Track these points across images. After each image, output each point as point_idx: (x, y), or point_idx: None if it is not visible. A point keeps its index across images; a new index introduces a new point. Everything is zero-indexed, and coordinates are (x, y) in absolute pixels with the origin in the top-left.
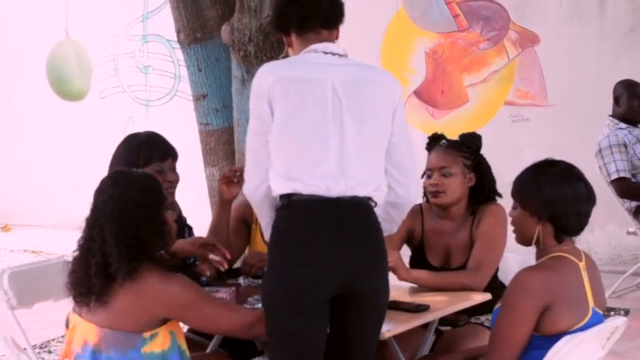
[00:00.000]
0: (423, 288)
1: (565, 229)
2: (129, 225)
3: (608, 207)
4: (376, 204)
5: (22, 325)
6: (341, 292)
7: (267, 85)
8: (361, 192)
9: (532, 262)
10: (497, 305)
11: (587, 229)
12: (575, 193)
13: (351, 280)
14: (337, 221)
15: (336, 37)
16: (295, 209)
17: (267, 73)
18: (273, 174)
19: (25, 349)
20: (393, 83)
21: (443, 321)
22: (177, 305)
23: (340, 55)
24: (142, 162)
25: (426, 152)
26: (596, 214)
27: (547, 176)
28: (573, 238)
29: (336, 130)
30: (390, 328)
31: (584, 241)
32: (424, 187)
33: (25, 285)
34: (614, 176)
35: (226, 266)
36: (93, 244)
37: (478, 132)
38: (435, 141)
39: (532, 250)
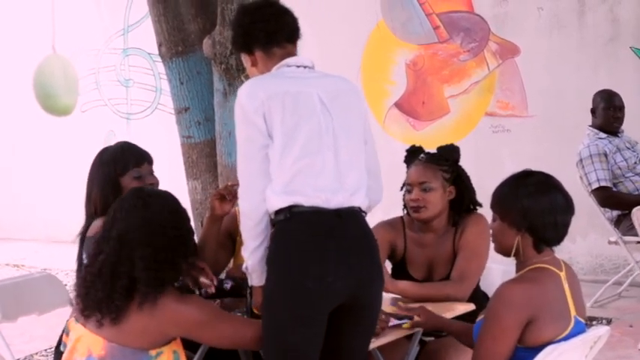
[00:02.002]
0: (407, 299)
1: (544, 239)
2: (162, 249)
3: (589, 217)
4: (366, 214)
5: (5, 339)
6: (346, 302)
7: (261, 100)
8: (355, 202)
9: (514, 273)
10: (480, 317)
11: (568, 238)
12: (552, 204)
13: (356, 290)
14: (341, 232)
15: (295, 51)
16: (297, 221)
17: (257, 90)
18: (270, 189)
19: None
20: (358, 91)
21: (427, 331)
22: (194, 324)
23: (310, 68)
24: (119, 171)
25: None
26: (578, 223)
27: (524, 187)
28: (553, 248)
29: (330, 142)
30: (374, 339)
31: (565, 250)
32: (404, 202)
33: (9, 299)
34: (595, 185)
35: (214, 290)
36: (120, 266)
37: (459, 143)
38: (413, 154)
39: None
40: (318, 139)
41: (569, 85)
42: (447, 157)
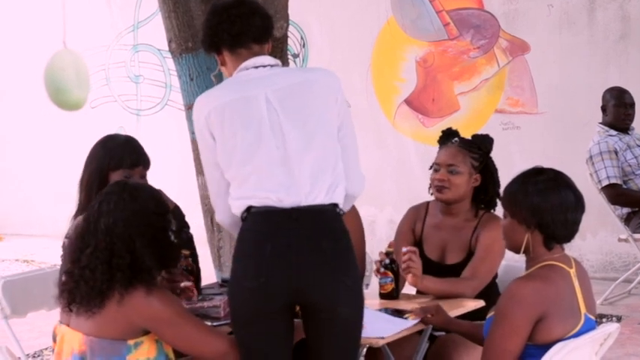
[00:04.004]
0: (421, 295)
1: (554, 236)
2: (153, 240)
3: (599, 214)
4: (340, 210)
5: (15, 334)
6: (298, 303)
7: (204, 117)
8: (318, 199)
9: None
10: (490, 314)
11: (578, 236)
12: (562, 201)
13: (300, 290)
14: (285, 232)
15: (268, 51)
16: (248, 223)
17: (202, 106)
18: (230, 199)
19: (19, 358)
20: (331, 79)
21: (437, 327)
22: (157, 319)
23: (272, 66)
24: (112, 166)
25: (418, 158)
26: (588, 221)
27: (534, 184)
28: (563, 245)
29: (278, 141)
30: (384, 335)
31: (575, 247)
32: (430, 180)
33: (18, 294)
34: (605, 183)
35: (196, 294)
36: (118, 259)
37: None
38: (447, 137)
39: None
40: (263, 142)
41: (579, 82)
42: (480, 145)
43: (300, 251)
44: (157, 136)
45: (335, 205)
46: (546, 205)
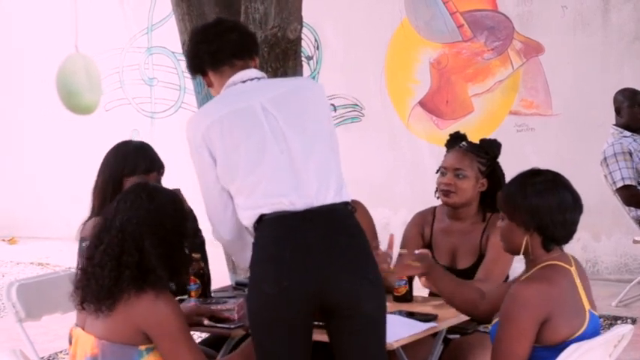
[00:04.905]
0: (435, 297)
1: (553, 238)
2: (165, 242)
3: (614, 215)
4: (353, 207)
5: (30, 337)
6: (321, 306)
7: (201, 134)
8: (328, 199)
9: None
10: (496, 319)
11: (593, 237)
12: (560, 202)
13: (322, 291)
14: (301, 234)
15: (255, 66)
16: (263, 229)
17: (197, 124)
18: (239, 210)
19: None
20: (318, 87)
21: (451, 329)
22: (161, 327)
23: (259, 79)
24: (127, 172)
25: (432, 160)
26: (602, 222)
27: (532, 186)
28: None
29: (282, 146)
30: (398, 338)
31: (590, 249)
32: (437, 184)
33: (33, 297)
34: (620, 184)
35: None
36: (128, 257)
37: None
38: (455, 140)
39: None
40: (262, 150)
41: (593, 84)
42: (487, 150)
43: (318, 250)
44: (171, 138)
45: (346, 204)
46: (545, 207)
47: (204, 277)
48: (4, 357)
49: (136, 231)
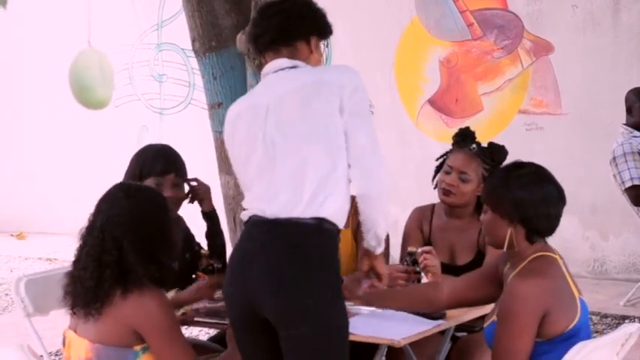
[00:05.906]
0: None
1: (536, 230)
2: (146, 240)
3: (622, 215)
4: (334, 225)
5: (38, 332)
6: (261, 316)
7: (225, 129)
8: (295, 212)
9: None
10: (491, 320)
11: (601, 237)
12: (545, 195)
13: (252, 303)
14: (252, 243)
15: (311, 52)
16: (243, 230)
17: (226, 119)
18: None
19: (41, 356)
20: (342, 77)
21: (459, 327)
22: (151, 322)
23: (290, 68)
24: (143, 174)
25: (437, 158)
26: (611, 222)
27: (516, 178)
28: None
29: (268, 151)
30: (405, 335)
31: (599, 249)
32: (438, 181)
33: (41, 292)
34: (629, 184)
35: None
36: (107, 255)
37: (492, 140)
38: (464, 138)
39: None
40: (253, 152)
41: (603, 83)
42: (494, 157)
43: (257, 263)
44: (180, 135)
45: (318, 220)
46: (530, 199)
47: (214, 273)
48: (12, 351)
49: (116, 230)
